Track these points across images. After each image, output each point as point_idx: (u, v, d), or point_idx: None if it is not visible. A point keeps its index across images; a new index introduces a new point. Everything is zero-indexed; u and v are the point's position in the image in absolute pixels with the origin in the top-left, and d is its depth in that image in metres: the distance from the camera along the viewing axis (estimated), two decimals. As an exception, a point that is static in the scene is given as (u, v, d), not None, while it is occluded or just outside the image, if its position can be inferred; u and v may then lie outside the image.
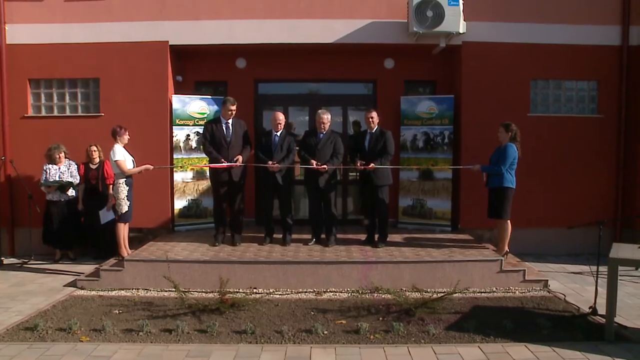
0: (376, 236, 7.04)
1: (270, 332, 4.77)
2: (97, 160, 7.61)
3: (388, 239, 7.03)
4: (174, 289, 5.51)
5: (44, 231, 7.54)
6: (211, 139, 6.80)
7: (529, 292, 6.05)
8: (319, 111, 6.94)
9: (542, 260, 7.64)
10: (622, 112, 8.01)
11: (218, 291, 5.51)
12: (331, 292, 6.02)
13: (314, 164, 6.68)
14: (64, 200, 7.46)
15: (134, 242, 7.55)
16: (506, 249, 6.63)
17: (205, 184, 8.25)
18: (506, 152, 6.37)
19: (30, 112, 8.12)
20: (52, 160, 7.45)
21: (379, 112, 7.07)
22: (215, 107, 8.28)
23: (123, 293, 6.02)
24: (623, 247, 4.93)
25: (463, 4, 7.48)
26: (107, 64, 7.87)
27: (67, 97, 8.16)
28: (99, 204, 7.35)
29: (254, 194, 8.25)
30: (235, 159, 6.70)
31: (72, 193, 7.51)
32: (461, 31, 7.57)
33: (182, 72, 8.44)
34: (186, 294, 5.59)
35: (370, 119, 6.89)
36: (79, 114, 8.13)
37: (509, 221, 6.54)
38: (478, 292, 6.00)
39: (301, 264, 6.19)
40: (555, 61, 7.97)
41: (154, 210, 7.90)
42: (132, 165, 6.58)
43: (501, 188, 6.44)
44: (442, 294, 5.50)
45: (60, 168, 7.46)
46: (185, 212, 8.16)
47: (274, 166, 6.72)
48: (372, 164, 6.69)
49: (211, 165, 6.88)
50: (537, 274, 6.47)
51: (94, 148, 7.57)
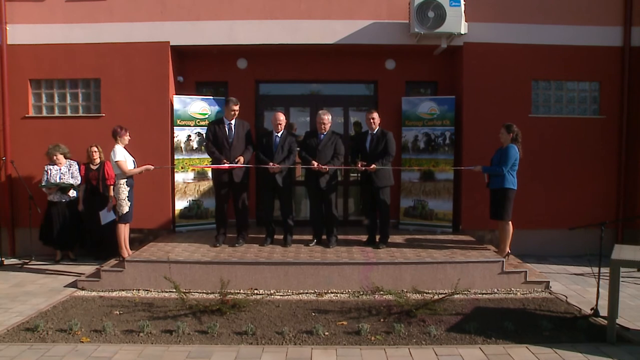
0: (377, 237, 7.04)
1: (271, 333, 4.77)
2: (97, 160, 7.62)
3: (389, 240, 7.03)
4: (174, 290, 5.51)
5: (41, 231, 7.54)
6: (214, 139, 6.81)
7: (531, 293, 6.04)
8: (320, 112, 6.95)
9: (544, 261, 7.63)
10: (623, 113, 8.01)
11: (219, 292, 5.52)
12: (332, 293, 6.02)
13: (315, 165, 6.68)
14: (65, 201, 7.48)
15: (135, 243, 7.58)
16: (507, 250, 6.63)
17: (206, 185, 8.26)
18: (507, 153, 6.38)
19: (31, 113, 8.14)
20: (51, 160, 7.47)
21: (380, 113, 7.07)
22: (216, 108, 8.29)
23: (124, 294, 6.02)
24: (625, 249, 4.93)
25: (464, 4, 7.49)
26: (108, 64, 7.89)
27: (68, 98, 8.18)
28: (100, 204, 7.36)
29: (254, 195, 8.26)
30: (236, 160, 6.71)
31: (73, 194, 7.52)
32: (462, 32, 7.57)
33: (183, 73, 8.46)
34: (187, 294, 5.59)
35: (372, 120, 6.89)
36: (80, 114, 8.15)
37: (510, 222, 6.54)
38: (479, 294, 6.00)
39: (302, 265, 6.18)
40: (557, 62, 7.97)
41: (154, 211, 7.91)
42: (133, 166, 6.58)
43: (502, 189, 6.44)
44: (443, 295, 5.51)
45: (61, 169, 7.47)
46: (186, 212, 8.17)
47: (275, 167, 6.72)
48: (373, 165, 6.69)
49: (211, 166, 6.88)
50: (539, 275, 6.47)
51: (95, 149, 7.58)
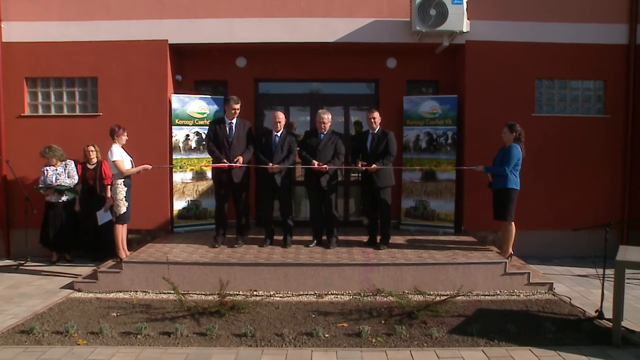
0: (378, 238, 7.03)
1: (270, 335, 4.76)
2: (94, 160, 7.61)
3: (390, 241, 7.02)
4: (172, 291, 5.50)
5: (42, 233, 7.53)
6: (214, 138, 6.81)
7: (534, 295, 6.03)
8: (319, 111, 6.95)
9: (547, 262, 7.62)
10: (629, 112, 7.99)
11: (218, 293, 5.50)
12: (332, 294, 6.01)
13: (315, 165, 6.67)
14: (62, 201, 7.47)
15: (133, 244, 7.56)
16: (510, 251, 6.62)
17: (205, 185, 8.25)
18: (510, 153, 6.37)
19: (27, 112, 8.12)
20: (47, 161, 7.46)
21: (381, 112, 7.06)
22: (215, 107, 8.28)
23: (121, 295, 6.01)
24: (630, 250, 4.91)
25: (467, 2, 7.48)
26: (106, 62, 7.88)
27: (65, 96, 8.17)
28: (97, 204, 7.36)
29: (254, 195, 8.24)
30: (235, 159, 6.70)
31: (66, 197, 7.47)
32: (465, 30, 7.56)
33: (181, 72, 8.45)
34: (185, 296, 5.57)
35: (372, 120, 6.88)
36: (77, 113, 8.14)
37: (513, 223, 6.54)
38: (482, 295, 5.98)
39: (302, 266, 6.17)
40: (561, 60, 7.96)
41: (152, 212, 7.90)
42: (131, 166, 6.56)
43: (505, 189, 6.43)
44: (445, 297, 5.50)
45: (57, 169, 7.46)
46: (184, 213, 8.16)
47: (274, 167, 6.71)
48: (374, 165, 6.68)
49: (210, 165, 6.87)
50: (542, 277, 6.45)
51: (92, 148, 7.58)
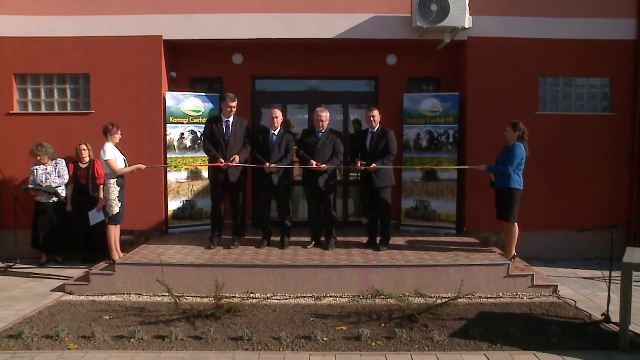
0: (378, 239, 7.04)
1: (267, 339, 4.75)
2: (87, 159, 7.60)
3: (390, 242, 7.03)
4: (167, 294, 5.49)
5: (33, 235, 7.51)
6: (211, 137, 6.80)
7: (538, 298, 6.03)
8: (317, 109, 6.94)
9: (552, 264, 7.62)
10: (636, 110, 7.99)
11: (213, 296, 5.51)
12: (331, 297, 6.01)
13: (314, 164, 6.67)
14: (53, 202, 7.44)
15: (126, 245, 7.53)
16: (513, 252, 6.62)
17: (200, 185, 8.24)
18: (514, 152, 6.37)
19: (16, 109, 8.09)
20: (36, 160, 7.42)
21: (381, 111, 7.06)
22: (210, 105, 8.28)
23: (114, 298, 5.99)
24: (638, 252, 4.91)
25: (469, -3, 7.49)
26: (98, 59, 7.86)
27: (56, 94, 8.14)
28: (89, 204, 7.34)
29: (250, 195, 8.23)
30: (232, 158, 6.69)
31: (56, 199, 7.44)
32: (467, 26, 7.56)
33: (176, 68, 8.44)
34: (180, 299, 5.56)
35: (372, 118, 6.87)
36: (69, 111, 8.11)
37: (516, 224, 6.54)
38: (484, 298, 5.99)
39: (300, 268, 6.17)
40: (566, 57, 7.95)
41: (146, 212, 7.88)
42: (124, 165, 6.55)
43: (508, 189, 6.43)
44: (447, 300, 5.50)
45: (47, 168, 7.43)
46: (179, 213, 8.15)
47: (271, 167, 6.71)
48: (373, 165, 6.68)
49: (205, 165, 6.86)
50: (546, 279, 6.46)
51: (84, 147, 7.56)
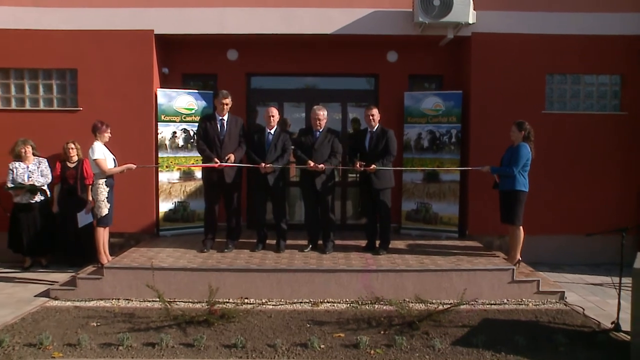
0: (377, 242, 7.03)
1: (262, 346, 4.74)
2: (75, 158, 7.56)
3: (390, 246, 7.03)
4: (157, 299, 5.46)
5: (9, 237, 7.45)
6: (204, 136, 6.79)
7: (544, 304, 6.02)
8: (314, 107, 6.94)
9: (558, 270, 7.62)
10: (647, 109, 8.01)
11: (206, 301, 5.50)
12: (328, 302, 6.00)
13: (311, 164, 6.66)
14: (37, 202, 7.39)
15: (115, 248, 7.53)
16: (518, 257, 6.61)
17: (193, 185, 8.22)
18: (519, 153, 6.36)
19: (-1, 105, 8.08)
20: (18, 156, 7.38)
21: (380, 109, 7.06)
22: (203, 103, 8.26)
23: (102, 303, 5.97)
24: (649, 257, 4.90)
25: (473, -9, 7.51)
26: (86, 53, 7.82)
27: (41, 89, 8.10)
28: (77, 206, 7.30)
29: (245, 197, 8.20)
30: (226, 157, 6.68)
31: (39, 198, 7.39)
32: (470, 21, 7.56)
33: (168, 64, 8.42)
34: (171, 304, 5.54)
35: (371, 117, 6.87)
36: (55, 108, 8.07)
37: (521, 227, 6.53)
38: (488, 304, 5.98)
39: (296, 272, 6.17)
40: (574, 53, 7.95)
41: (136, 214, 7.86)
42: (113, 165, 6.53)
43: (513, 191, 6.42)
44: (449, 306, 5.49)
45: (28, 167, 7.38)
46: (171, 215, 8.13)
47: (267, 167, 6.70)
48: (373, 165, 6.68)
49: (198, 165, 6.84)
50: (553, 285, 6.46)
51: (72, 145, 7.52)
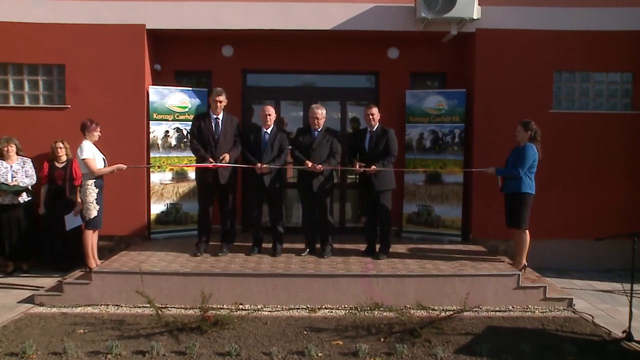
0: (377, 246, 7.02)
1: (257, 354, 4.73)
2: (63, 158, 7.53)
3: (391, 250, 7.02)
4: (148, 305, 5.45)
5: None
6: (198, 135, 6.78)
7: (551, 311, 6.01)
8: (313, 105, 6.94)
9: (566, 275, 7.61)
10: (661, 108, 8.00)
11: (199, 307, 5.48)
12: (326, 309, 5.99)
13: (309, 165, 6.65)
14: (20, 203, 7.34)
15: (104, 252, 7.51)
16: (524, 262, 6.61)
17: (186, 186, 8.20)
18: (525, 154, 6.35)
19: (-21, 102, 8.05)
20: (0, 155, 7.35)
21: (381, 108, 7.06)
22: (197, 101, 8.25)
23: (90, 310, 5.94)
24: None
25: (478, -14, 7.50)
26: (74, 48, 7.79)
27: (26, 85, 8.06)
28: (65, 207, 7.26)
29: (240, 198, 8.18)
30: (221, 157, 6.67)
31: (23, 200, 7.35)
32: (475, 17, 7.55)
33: (160, 60, 8.40)
34: (163, 310, 5.53)
35: (370, 116, 6.87)
36: (41, 105, 8.04)
37: (527, 231, 6.52)
38: (492, 311, 5.97)
39: (293, 277, 6.16)
40: (582, 50, 7.93)
41: (127, 216, 7.84)
42: (103, 165, 6.51)
43: (519, 194, 6.42)
44: (451, 313, 5.50)
45: (12, 166, 7.33)
46: (163, 217, 8.11)
47: (263, 167, 6.68)
48: (373, 166, 6.67)
49: (191, 165, 6.83)
50: (560, 292, 6.45)
51: (60, 145, 7.49)
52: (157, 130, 8.03)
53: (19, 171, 7.33)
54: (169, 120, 8.11)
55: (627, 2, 7.88)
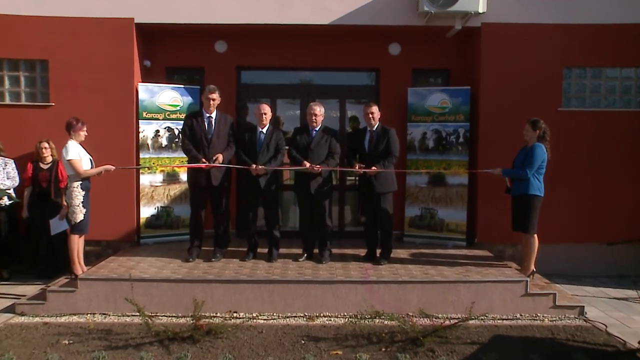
0: (378, 251, 7.03)
1: (252, 366, 4.73)
2: (49, 159, 7.53)
3: (392, 255, 7.03)
4: (137, 314, 5.45)
5: None
6: (191, 135, 6.78)
7: (561, 320, 6.01)
8: (311, 103, 6.96)
9: (577, 282, 7.59)
10: (678, 106, 7.99)
11: (191, 315, 5.49)
12: (325, 317, 5.99)
13: (307, 165, 6.65)
14: (2, 206, 7.30)
15: (91, 258, 7.51)
16: (532, 268, 6.61)
17: (177, 189, 8.20)
18: (533, 154, 6.36)
19: (-44, 99, 8.03)
20: None
21: (382, 106, 7.06)
22: (189, 99, 8.25)
23: (75, 319, 5.92)
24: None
25: (483, -22, 7.51)
26: (58, 43, 7.77)
27: (7, 82, 8.03)
28: (50, 211, 7.23)
29: (234, 201, 8.18)
30: (214, 158, 6.66)
31: (6, 202, 7.29)
32: (480, 10, 7.57)
33: (150, 56, 8.41)
34: (153, 319, 5.53)
35: (370, 115, 6.87)
36: (23, 102, 8.02)
37: (535, 235, 6.53)
38: (499, 319, 5.97)
39: (290, 283, 6.16)
40: (595, 44, 7.91)
41: (115, 220, 7.84)
42: (90, 166, 6.49)
43: (527, 196, 6.42)
44: (456, 321, 5.50)
45: None
46: (153, 221, 8.11)
47: (259, 168, 6.68)
48: (373, 167, 6.67)
49: (183, 165, 6.82)
50: (571, 299, 6.45)
51: (45, 145, 7.49)
52: (147, 130, 8.02)
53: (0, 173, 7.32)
54: (159, 119, 8.09)
55: (641, -6, 7.87)
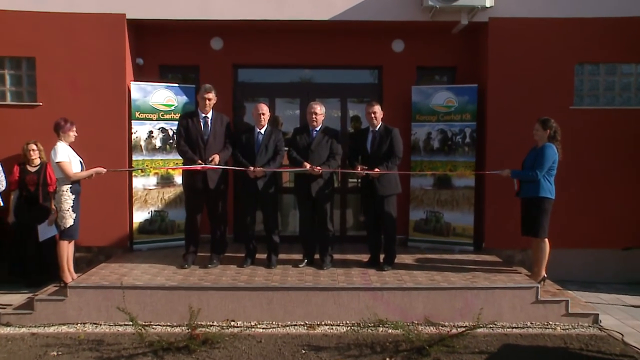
0: (381, 257, 7.03)
1: (250, 377, 4.72)
2: (37, 161, 7.52)
3: (396, 261, 7.03)
4: (130, 323, 5.46)
5: None
6: (186, 136, 6.79)
7: (574, 328, 5.99)
8: (311, 102, 6.98)
9: (591, 288, 7.59)
10: (698, 103, 7.97)
11: (187, 324, 5.51)
12: (326, 325, 5.99)
13: (307, 167, 6.66)
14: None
15: (82, 264, 7.51)
16: (543, 273, 6.60)
17: (172, 192, 8.20)
18: (544, 154, 6.35)
19: (-61, 98, 8.03)
20: None
21: (385, 105, 7.08)
22: (184, 98, 8.26)
23: (64, 329, 5.91)
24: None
25: (491, -29, 7.52)
26: (46, 39, 7.77)
27: (-9, 80, 8.08)
28: (38, 216, 7.24)
29: (232, 205, 8.17)
30: (210, 159, 6.66)
31: None
32: (487, 5, 7.57)
33: (143, 54, 8.42)
34: (146, 328, 5.52)
35: (372, 115, 6.87)
36: (8, 102, 8.02)
37: (546, 240, 6.52)
38: (508, 328, 5.97)
39: (290, 290, 6.16)
40: (608, 39, 7.89)
41: (107, 225, 7.84)
42: (80, 168, 6.49)
43: (537, 198, 6.42)
44: (463, 329, 5.51)
45: None
46: (146, 226, 8.12)
47: (257, 170, 6.68)
48: (376, 169, 6.68)
49: (178, 167, 6.81)
50: (584, 306, 6.43)
51: (33, 147, 7.48)
52: (139, 131, 8.03)
53: (-17, 176, 7.32)
54: (153, 120, 8.11)
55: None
